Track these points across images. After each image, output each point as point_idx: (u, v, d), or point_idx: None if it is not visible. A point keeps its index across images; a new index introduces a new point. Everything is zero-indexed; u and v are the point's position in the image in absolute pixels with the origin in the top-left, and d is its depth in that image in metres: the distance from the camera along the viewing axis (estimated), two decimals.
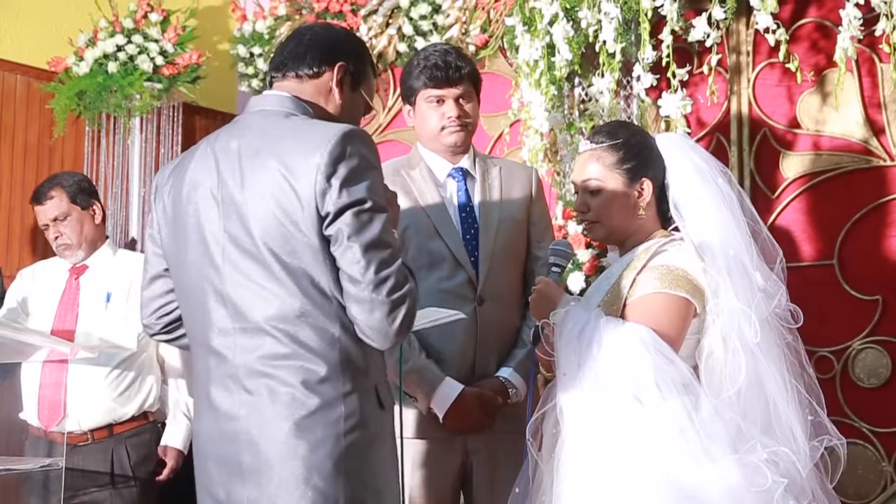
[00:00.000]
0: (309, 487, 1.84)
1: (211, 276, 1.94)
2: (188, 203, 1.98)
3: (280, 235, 1.87)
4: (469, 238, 2.66)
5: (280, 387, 1.87)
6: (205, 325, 1.96)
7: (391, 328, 1.85)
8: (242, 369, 1.90)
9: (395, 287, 1.84)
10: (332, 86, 2.06)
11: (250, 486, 1.88)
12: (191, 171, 2.00)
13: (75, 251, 3.27)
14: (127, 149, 4.58)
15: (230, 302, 1.91)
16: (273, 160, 1.89)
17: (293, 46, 2.09)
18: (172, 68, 4.56)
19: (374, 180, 1.90)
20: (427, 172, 2.70)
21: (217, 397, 1.94)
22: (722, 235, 2.12)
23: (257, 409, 1.88)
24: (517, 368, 2.63)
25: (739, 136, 3.41)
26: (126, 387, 3.15)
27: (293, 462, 1.85)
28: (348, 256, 1.84)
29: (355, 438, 1.88)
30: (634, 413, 1.99)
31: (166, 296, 2.09)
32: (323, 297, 1.88)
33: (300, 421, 1.85)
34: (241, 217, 1.90)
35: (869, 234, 3.20)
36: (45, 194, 3.28)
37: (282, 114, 1.99)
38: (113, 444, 3.15)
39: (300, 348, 1.87)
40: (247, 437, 1.88)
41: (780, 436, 2.01)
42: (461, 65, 2.64)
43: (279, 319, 1.87)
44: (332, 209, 1.84)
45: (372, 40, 4.38)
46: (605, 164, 2.21)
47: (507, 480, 2.50)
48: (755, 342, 2.03)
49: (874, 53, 3.18)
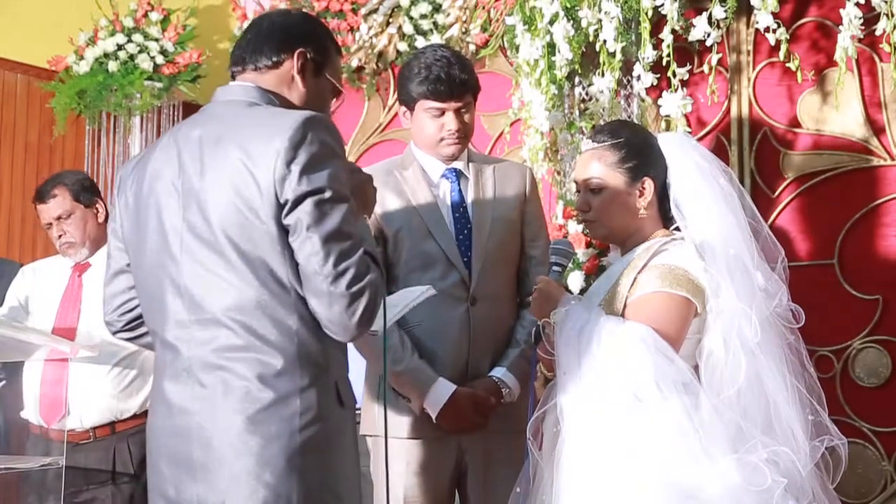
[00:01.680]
0: (260, 484, 1.78)
1: (169, 267, 1.89)
2: (149, 195, 1.94)
3: (238, 223, 1.82)
4: (462, 238, 2.66)
5: (234, 380, 1.81)
6: (162, 319, 1.91)
7: (351, 321, 1.81)
8: (197, 362, 1.85)
9: (354, 279, 1.79)
10: (293, 74, 2.01)
11: (200, 484, 1.82)
12: (153, 161, 1.96)
13: (79, 249, 3.26)
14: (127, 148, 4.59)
15: (187, 293, 1.87)
16: (233, 147, 1.84)
17: (250, 38, 2.04)
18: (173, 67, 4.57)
19: (336, 168, 1.85)
20: (420, 173, 2.70)
21: (170, 391, 1.88)
22: (723, 235, 2.12)
23: (210, 402, 1.82)
24: (511, 368, 2.62)
25: (740, 135, 3.41)
26: (128, 384, 3.14)
27: (245, 458, 1.79)
28: (307, 248, 1.79)
29: (311, 435, 1.82)
30: (634, 412, 1.98)
31: (129, 292, 2.05)
32: (281, 288, 1.83)
33: (254, 415, 1.79)
34: (200, 205, 1.85)
35: (869, 234, 3.20)
36: (48, 193, 3.27)
37: (245, 103, 1.94)
38: (115, 442, 3.13)
39: (256, 340, 1.82)
40: (199, 432, 1.83)
41: (780, 435, 2.01)
42: (464, 78, 2.61)
43: (236, 310, 1.82)
44: (291, 196, 1.79)
45: (372, 39, 4.39)
46: (607, 163, 2.21)
47: (502, 480, 2.50)
48: (755, 342, 2.03)
49: (874, 53, 3.18)
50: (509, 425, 2.59)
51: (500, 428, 2.59)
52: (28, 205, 4.43)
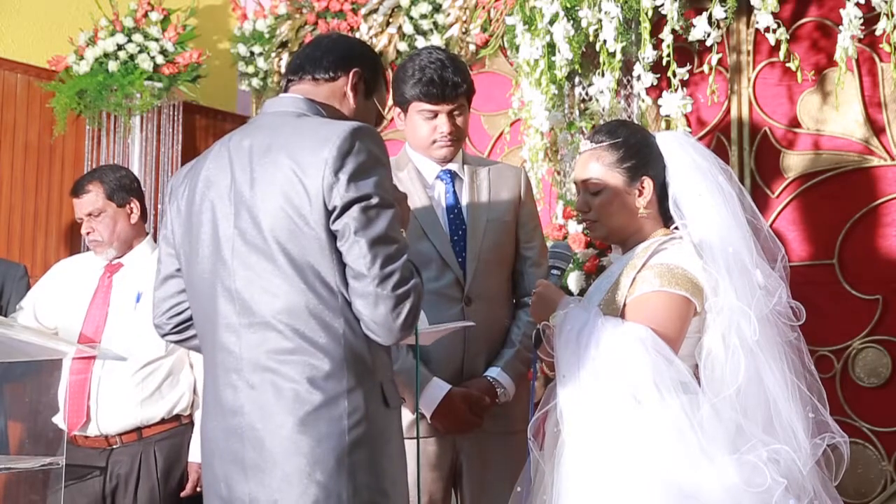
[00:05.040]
0: (312, 482, 1.84)
1: (220, 272, 1.95)
2: (202, 202, 2.00)
3: (288, 230, 1.88)
4: (457, 239, 2.66)
5: (284, 382, 1.87)
6: (213, 322, 1.97)
7: (395, 323, 1.86)
8: (247, 364, 1.91)
9: (400, 282, 1.86)
10: (346, 90, 2.10)
11: (252, 483, 1.88)
12: (205, 170, 2.03)
13: (106, 248, 3.20)
14: (127, 148, 4.58)
15: (238, 297, 1.93)
16: (283, 156, 1.91)
17: (310, 50, 2.13)
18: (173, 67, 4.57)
19: (382, 176, 1.92)
20: (415, 174, 2.71)
21: (223, 394, 1.94)
22: (722, 233, 2.11)
23: (261, 404, 1.88)
24: (506, 368, 2.63)
25: (740, 135, 3.41)
26: (154, 389, 3.08)
27: (296, 458, 1.84)
28: (354, 251, 1.85)
29: (359, 435, 1.87)
30: (633, 413, 1.98)
31: (178, 296, 2.11)
32: (329, 293, 1.88)
33: (304, 417, 1.85)
34: (251, 213, 1.92)
35: (869, 234, 3.20)
36: (83, 187, 3.21)
37: (294, 114, 2.02)
38: (142, 448, 3.08)
39: (305, 343, 1.87)
40: (251, 433, 1.89)
41: (780, 434, 2.01)
42: (457, 81, 2.62)
43: (285, 314, 1.88)
44: (340, 203, 1.85)
45: (372, 39, 4.39)
46: (606, 164, 2.21)
47: (498, 480, 2.51)
48: (754, 340, 2.03)
49: (874, 53, 3.19)
50: (504, 426, 2.60)
51: (495, 429, 2.60)
52: (28, 204, 4.45)
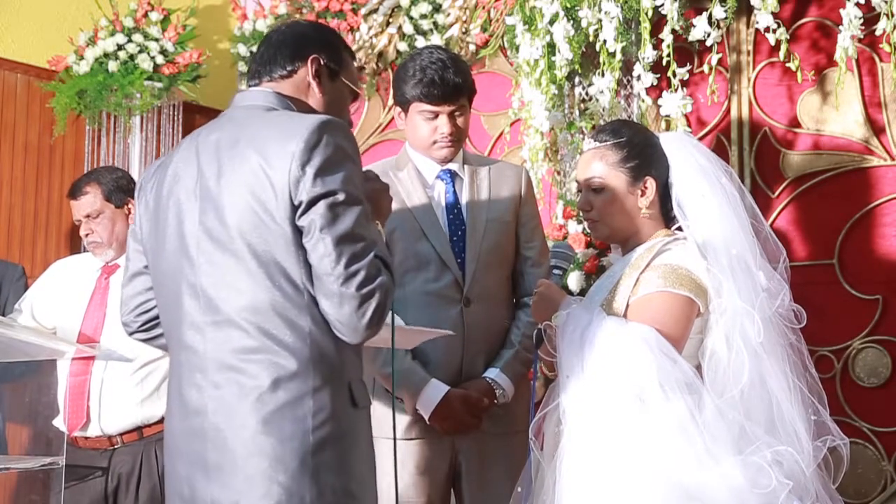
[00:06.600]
0: (274, 484, 1.79)
1: (185, 269, 1.91)
2: (169, 197, 1.96)
3: (254, 225, 1.84)
4: (456, 239, 2.66)
5: (248, 381, 1.83)
6: (178, 320, 1.92)
7: (361, 322, 1.82)
8: (212, 364, 1.86)
9: (365, 281, 1.81)
10: (309, 80, 2.03)
11: (215, 484, 1.84)
12: (173, 165, 1.99)
13: (105, 250, 3.19)
14: (127, 148, 4.58)
15: (203, 294, 1.88)
16: (250, 150, 1.87)
17: (263, 50, 2.07)
18: (173, 67, 4.57)
19: (350, 172, 1.87)
20: (415, 174, 2.70)
21: (186, 393, 1.89)
22: (725, 234, 2.12)
23: (225, 403, 1.84)
24: (504, 369, 2.62)
25: (740, 135, 3.41)
26: (154, 388, 3.07)
27: (259, 458, 1.80)
28: (319, 249, 1.81)
29: (324, 435, 1.83)
30: (637, 413, 1.98)
31: (146, 293, 2.07)
32: (294, 290, 1.84)
33: (267, 416, 1.81)
34: (217, 208, 1.88)
35: (869, 234, 3.20)
36: (81, 189, 3.21)
37: (263, 108, 1.97)
38: (143, 447, 3.07)
39: (270, 342, 1.83)
40: (214, 433, 1.84)
41: (783, 435, 2.01)
42: (458, 82, 2.61)
43: (250, 311, 1.84)
44: (306, 198, 1.81)
45: (372, 39, 4.39)
46: (609, 163, 2.21)
47: (497, 480, 2.52)
48: (758, 341, 2.03)
49: (874, 53, 3.19)
50: (503, 427, 2.60)
51: (494, 430, 2.60)
52: (28, 205, 4.45)
